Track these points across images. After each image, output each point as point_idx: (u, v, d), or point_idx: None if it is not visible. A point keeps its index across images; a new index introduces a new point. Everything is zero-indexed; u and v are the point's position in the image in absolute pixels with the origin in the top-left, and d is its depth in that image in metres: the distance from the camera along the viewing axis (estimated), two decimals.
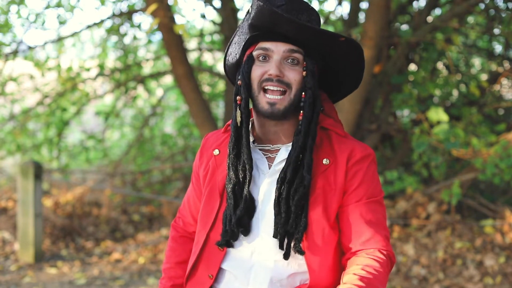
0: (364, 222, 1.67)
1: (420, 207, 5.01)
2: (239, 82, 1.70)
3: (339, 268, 1.74)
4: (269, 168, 1.74)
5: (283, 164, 1.72)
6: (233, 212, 1.69)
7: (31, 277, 4.80)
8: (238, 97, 1.69)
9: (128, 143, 7.88)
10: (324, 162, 1.70)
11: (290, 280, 1.72)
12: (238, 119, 1.69)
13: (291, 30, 1.63)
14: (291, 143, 1.72)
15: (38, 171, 5.13)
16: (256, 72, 1.67)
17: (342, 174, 1.69)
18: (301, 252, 1.66)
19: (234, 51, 1.79)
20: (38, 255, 5.15)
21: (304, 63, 1.67)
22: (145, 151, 7.48)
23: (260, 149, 1.76)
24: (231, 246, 1.72)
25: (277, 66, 1.64)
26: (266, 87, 1.66)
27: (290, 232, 1.66)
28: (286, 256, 1.68)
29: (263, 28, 1.67)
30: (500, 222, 4.83)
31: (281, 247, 1.67)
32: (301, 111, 1.67)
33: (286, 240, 1.67)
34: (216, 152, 1.81)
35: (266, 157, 1.75)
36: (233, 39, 1.78)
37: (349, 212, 1.69)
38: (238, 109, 1.69)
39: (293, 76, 1.66)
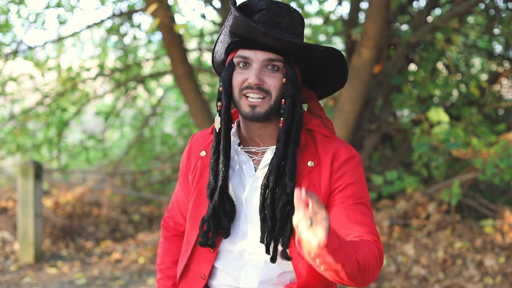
0: (351, 222, 1.65)
1: (420, 207, 5.01)
2: (220, 88, 1.70)
3: None
4: (255, 171, 1.74)
5: (268, 167, 1.72)
6: (211, 216, 1.71)
7: (31, 277, 4.80)
8: (219, 103, 1.70)
9: (128, 143, 7.88)
10: (308, 164, 1.69)
11: (280, 279, 1.74)
12: (218, 125, 1.70)
13: (269, 41, 1.63)
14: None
15: (38, 171, 5.13)
16: (237, 79, 1.67)
17: (327, 175, 1.68)
18: (288, 258, 1.68)
19: (220, 49, 1.80)
20: (38, 255, 5.15)
21: (285, 69, 1.66)
22: (145, 151, 7.48)
23: (246, 151, 1.76)
24: (213, 246, 1.74)
25: (256, 75, 1.63)
26: (247, 94, 1.66)
27: (277, 238, 1.67)
28: (273, 260, 1.69)
29: (241, 36, 1.67)
30: (500, 222, 4.83)
31: (267, 252, 1.68)
32: (282, 118, 1.67)
33: (272, 245, 1.68)
34: (203, 153, 1.81)
35: (252, 160, 1.75)
36: (219, 37, 1.78)
37: (335, 212, 1.67)
38: (218, 115, 1.70)
39: (273, 83, 1.65)
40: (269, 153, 1.73)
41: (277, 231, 1.66)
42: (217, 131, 1.71)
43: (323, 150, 1.70)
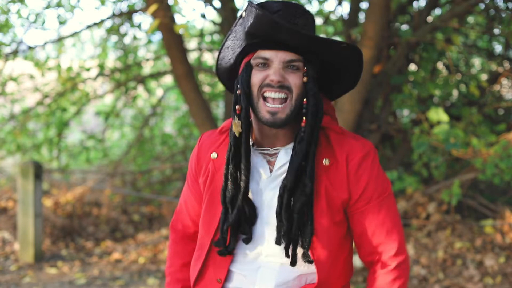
0: (377, 226, 1.70)
1: (420, 207, 5.01)
2: (238, 91, 1.66)
3: (346, 261, 1.77)
4: (270, 172, 1.72)
5: (283, 168, 1.70)
6: (234, 221, 1.69)
7: (31, 277, 4.80)
8: (237, 106, 1.66)
9: (128, 143, 7.88)
10: (324, 162, 1.68)
11: (296, 281, 1.73)
12: (238, 129, 1.66)
13: (292, 39, 1.60)
14: (289, 145, 1.71)
15: (38, 171, 5.13)
16: (256, 77, 1.64)
17: (344, 174, 1.68)
18: (310, 261, 1.68)
19: (228, 55, 1.76)
20: (38, 255, 5.15)
21: (305, 68, 1.64)
22: (145, 151, 7.48)
23: (260, 152, 1.74)
24: (231, 253, 1.73)
25: (278, 72, 1.61)
26: (266, 95, 1.63)
27: (295, 239, 1.67)
28: (293, 263, 1.69)
29: (261, 36, 1.64)
30: (500, 222, 4.83)
31: (287, 255, 1.68)
32: (304, 118, 1.64)
33: (291, 247, 1.69)
34: (214, 155, 1.78)
35: (266, 160, 1.73)
36: (225, 43, 1.74)
37: (361, 217, 1.71)
38: (237, 118, 1.66)
39: (293, 80, 1.62)
40: (283, 154, 1.71)
41: (294, 232, 1.65)
42: (237, 135, 1.66)
43: (338, 148, 1.69)
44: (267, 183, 1.72)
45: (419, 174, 5.38)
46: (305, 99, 1.64)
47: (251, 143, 1.73)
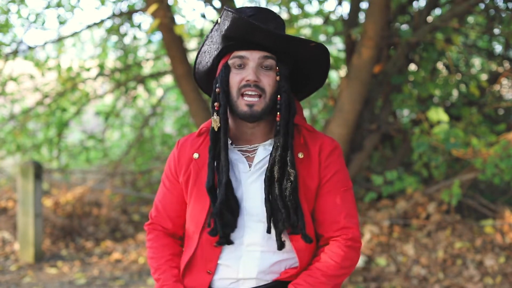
0: (335, 211, 1.84)
1: (420, 207, 5.01)
2: (217, 90, 1.81)
3: (316, 239, 1.91)
4: (250, 167, 1.85)
5: (262, 163, 1.85)
6: (219, 213, 1.79)
7: (31, 277, 4.80)
8: (216, 104, 1.81)
9: (128, 143, 7.88)
10: (299, 155, 1.84)
11: (277, 267, 1.85)
12: (217, 124, 1.80)
13: (266, 39, 1.76)
14: (267, 142, 1.86)
15: (38, 171, 5.13)
16: (235, 79, 1.79)
17: (316, 164, 1.85)
18: (310, 240, 1.81)
19: (205, 59, 1.90)
20: (38, 255, 5.15)
21: (277, 68, 1.80)
22: (145, 151, 7.48)
23: (238, 150, 1.87)
24: (231, 243, 1.83)
25: (254, 72, 1.77)
26: (244, 92, 1.78)
27: (295, 225, 1.80)
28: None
29: (237, 38, 1.79)
30: (500, 222, 4.83)
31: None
32: (278, 113, 1.80)
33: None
34: (196, 155, 1.89)
35: (245, 157, 1.86)
36: (201, 48, 1.89)
37: (322, 202, 1.86)
38: (216, 114, 1.81)
39: (267, 81, 1.79)
40: (261, 150, 1.86)
41: (293, 218, 1.78)
42: (216, 129, 1.81)
43: (311, 143, 1.87)
44: (247, 177, 1.84)
45: (419, 174, 5.38)
46: (278, 96, 1.81)
47: (229, 142, 1.87)
